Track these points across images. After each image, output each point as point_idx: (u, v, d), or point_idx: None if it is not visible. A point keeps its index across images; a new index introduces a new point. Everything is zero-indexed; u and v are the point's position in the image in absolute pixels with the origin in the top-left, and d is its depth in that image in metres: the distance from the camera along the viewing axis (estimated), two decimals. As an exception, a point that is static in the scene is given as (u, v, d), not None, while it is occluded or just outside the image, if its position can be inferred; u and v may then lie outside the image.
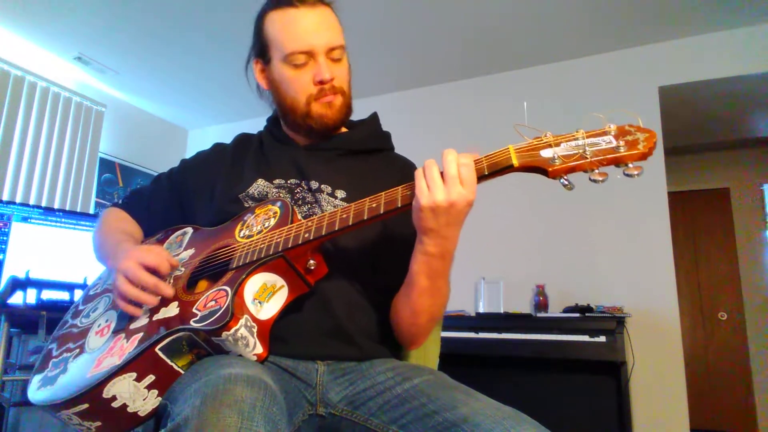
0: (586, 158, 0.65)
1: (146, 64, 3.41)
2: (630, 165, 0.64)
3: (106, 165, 3.77)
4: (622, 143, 0.65)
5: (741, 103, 3.30)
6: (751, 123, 3.74)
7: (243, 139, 1.09)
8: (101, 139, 3.68)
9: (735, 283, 4.28)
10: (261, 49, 0.97)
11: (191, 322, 0.73)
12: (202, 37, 3.05)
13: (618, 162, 0.65)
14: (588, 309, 2.53)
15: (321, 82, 0.92)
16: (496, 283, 2.86)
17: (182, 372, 0.74)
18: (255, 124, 1.13)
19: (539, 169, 0.68)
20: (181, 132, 4.49)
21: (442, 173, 0.72)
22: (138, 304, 0.82)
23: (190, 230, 0.99)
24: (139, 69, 3.48)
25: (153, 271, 0.83)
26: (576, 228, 2.96)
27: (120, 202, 1.12)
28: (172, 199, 1.06)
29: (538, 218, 3.06)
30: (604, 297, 2.73)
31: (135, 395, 0.73)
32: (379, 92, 3.68)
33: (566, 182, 0.67)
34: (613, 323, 2.36)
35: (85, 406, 0.74)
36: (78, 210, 3.44)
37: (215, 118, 4.29)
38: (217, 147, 1.10)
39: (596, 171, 0.65)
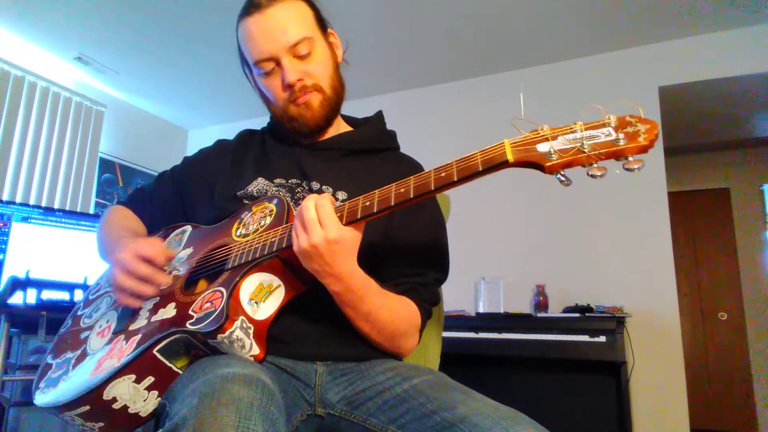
0: (584, 152, 0.62)
1: (146, 65, 3.41)
2: (630, 158, 0.61)
3: (106, 165, 3.77)
4: (621, 135, 0.61)
5: (741, 103, 3.30)
6: (751, 123, 3.74)
7: (246, 136, 1.08)
8: (101, 139, 3.68)
9: (735, 283, 4.27)
10: (244, 61, 0.97)
11: (187, 325, 0.72)
12: (202, 37, 3.05)
13: (617, 155, 0.62)
14: (588, 309, 2.53)
15: (288, 86, 0.91)
16: (496, 283, 2.86)
17: (181, 373, 0.74)
18: (255, 124, 1.13)
19: (535, 164, 0.65)
20: (181, 132, 4.49)
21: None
22: (136, 296, 0.82)
23: (189, 228, 0.99)
24: (139, 69, 3.48)
25: (149, 262, 0.83)
26: (576, 228, 2.96)
27: (123, 200, 1.12)
28: (175, 196, 1.06)
29: (538, 218, 3.06)
30: (604, 297, 2.73)
31: (135, 396, 0.74)
32: (377, 92, 3.67)
33: (563, 178, 0.64)
34: (613, 323, 2.36)
35: (87, 408, 0.74)
36: (78, 210, 3.44)
37: (215, 118, 4.29)
38: (220, 144, 1.09)
39: (595, 165, 0.62)
